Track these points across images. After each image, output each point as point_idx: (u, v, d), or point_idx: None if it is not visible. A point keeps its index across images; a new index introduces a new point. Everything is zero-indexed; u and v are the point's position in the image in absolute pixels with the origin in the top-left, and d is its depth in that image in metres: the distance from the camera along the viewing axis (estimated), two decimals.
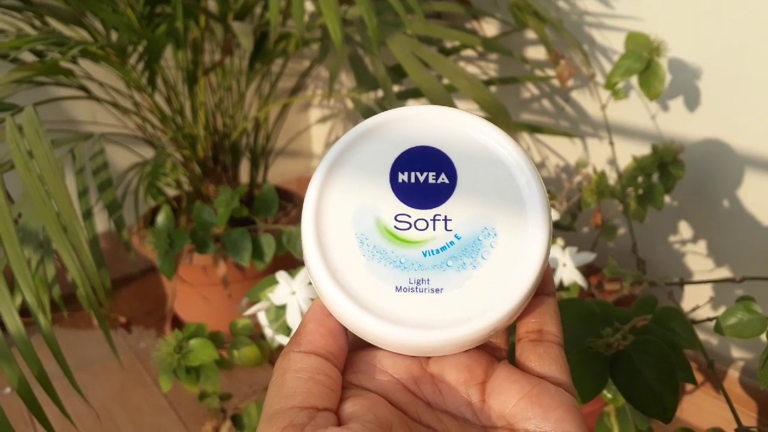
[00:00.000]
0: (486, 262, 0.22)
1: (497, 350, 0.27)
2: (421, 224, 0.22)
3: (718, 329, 0.37)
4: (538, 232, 0.22)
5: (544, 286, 0.27)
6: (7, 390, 0.93)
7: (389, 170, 0.23)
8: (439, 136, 0.23)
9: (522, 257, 0.22)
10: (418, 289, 0.21)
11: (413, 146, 0.23)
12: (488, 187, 0.23)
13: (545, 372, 0.25)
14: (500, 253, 0.22)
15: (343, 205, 0.22)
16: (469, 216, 0.22)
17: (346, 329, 0.25)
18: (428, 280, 0.21)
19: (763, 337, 0.37)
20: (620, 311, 0.40)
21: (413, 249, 0.22)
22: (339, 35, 0.57)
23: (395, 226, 0.22)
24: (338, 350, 0.24)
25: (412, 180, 0.23)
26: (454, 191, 0.22)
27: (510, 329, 0.27)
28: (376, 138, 0.24)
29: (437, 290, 0.21)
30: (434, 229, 0.22)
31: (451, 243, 0.22)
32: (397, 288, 0.21)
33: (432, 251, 0.22)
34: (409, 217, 0.22)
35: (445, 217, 0.22)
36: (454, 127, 0.24)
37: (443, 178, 0.23)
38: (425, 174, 0.23)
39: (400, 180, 0.23)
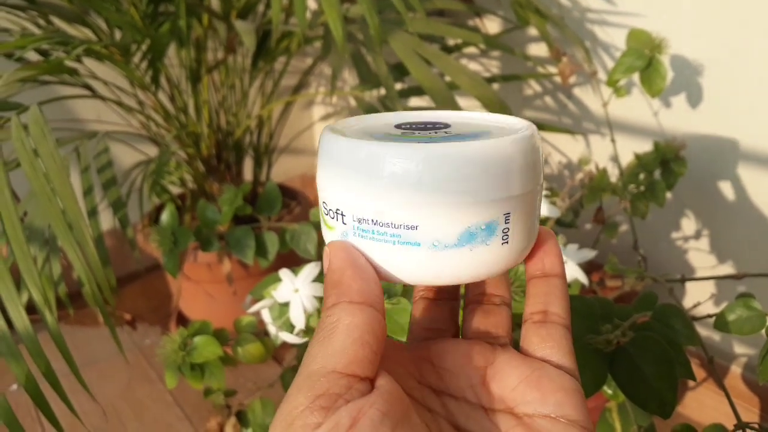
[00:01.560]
0: (482, 138, 0.24)
1: (499, 338, 0.27)
2: (422, 133, 0.25)
3: (718, 326, 0.37)
4: (527, 127, 0.25)
5: (553, 266, 0.26)
6: (14, 387, 0.94)
7: (393, 125, 0.27)
8: (435, 116, 0.29)
9: (514, 132, 0.24)
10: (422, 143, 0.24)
11: (413, 120, 0.28)
12: (479, 128, 0.26)
13: (546, 355, 0.25)
14: (494, 137, 0.24)
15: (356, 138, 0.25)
16: (464, 131, 0.26)
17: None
18: (431, 140, 0.24)
19: (764, 333, 0.38)
20: (620, 308, 0.40)
21: (416, 140, 0.24)
22: (340, 33, 0.57)
23: (401, 134, 0.25)
24: (381, 299, 0.23)
25: (412, 128, 0.27)
26: (450, 127, 0.26)
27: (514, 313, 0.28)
28: (378, 117, 0.29)
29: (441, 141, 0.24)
30: (435, 133, 0.25)
31: (451, 138, 0.25)
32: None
33: (433, 139, 0.25)
34: (414, 132, 0.26)
35: (444, 132, 0.26)
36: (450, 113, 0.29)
37: (439, 126, 0.27)
38: (423, 125, 0.27)
39: (402, 128, 0.27)
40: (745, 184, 0.76)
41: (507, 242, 0.24)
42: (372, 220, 0.23)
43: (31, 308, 0.47)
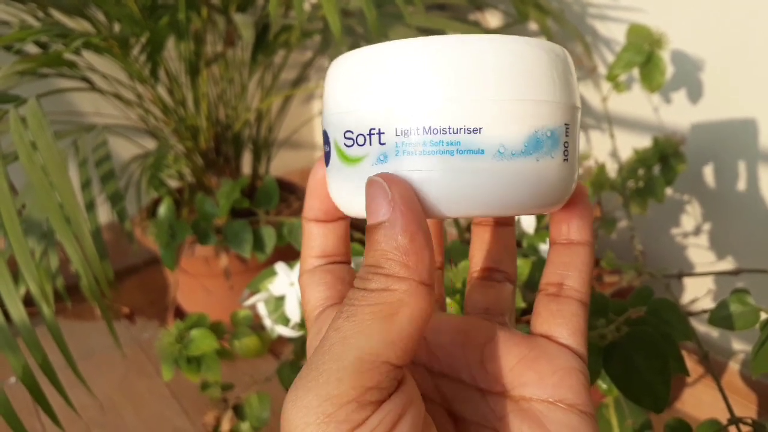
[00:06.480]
0: None
1: (497, 316, 0.26)
2: None
3: (713, 321, 0.37)
4: None
5: (580, 231, 0.23)
6: (12, 380, 0.94)
7: None
8: None
9: None
10: None
11: None
12: None
13: (553, 331, 0.23)
14: None
15: None
16: None
17: None
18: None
19: (758, 328, 0.38)
20: (616, 303, 0.40)
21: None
22: (338, 27, 0.57)
23: None
24: None
25: None
26: None
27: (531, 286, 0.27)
28: None
29: None
30: None
31: None
32: None
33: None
34: None
35: None
36: None
37: None
38: None
39: None
40: (746, 179, 0.76)
41: (567, 160, 0.21)
42: (424, 128, 0.19)
43: (28, 301, 0.47)
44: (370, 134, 0.20)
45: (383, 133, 0.20)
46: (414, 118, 0.19)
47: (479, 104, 0.19)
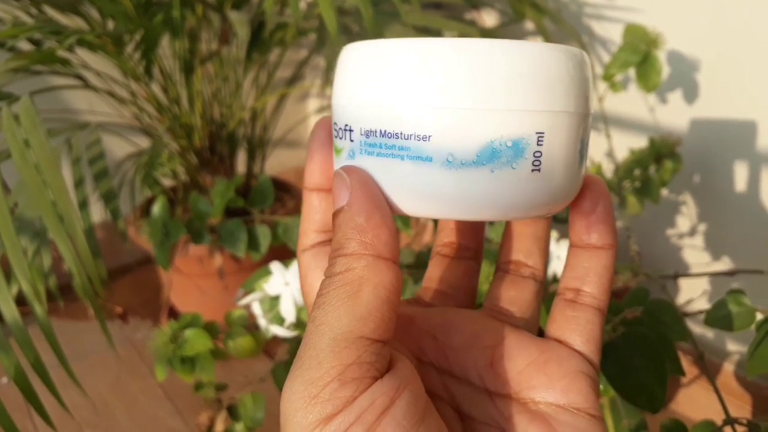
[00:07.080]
0: None
1: (510, 316, 0.25)
2: None
3: (708, 321, 0.37)
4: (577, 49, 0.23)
5: (600, 236, 0.23)
6: (4, 380, 0.94)
7: None
8: None
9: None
10: None
11: None
12: None
13: (566, 337, 0.23)
14: None
15: None
16: None
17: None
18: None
19: (754, 328, 0.38)
20: (612, 303, 0.40)
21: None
22: (334, 25, 0.57)
23: None
24: (399, 249, 0.20)
25: None
26: None
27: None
28: None
29: None
30: None
31: None
32: None
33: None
34: None
35: None
36: None
37: None
38: None
39: None
40: (741, 180, 0.76)
41: (539, 170, 0.20)
42: (380, 132, 0.20)
43: (20, 300, 0.47)
44: (344, 129, 0.21)
45: (352, 130, 0.21)
46: (374, 121, 0.20)
47: (430, 112, 0.19)
